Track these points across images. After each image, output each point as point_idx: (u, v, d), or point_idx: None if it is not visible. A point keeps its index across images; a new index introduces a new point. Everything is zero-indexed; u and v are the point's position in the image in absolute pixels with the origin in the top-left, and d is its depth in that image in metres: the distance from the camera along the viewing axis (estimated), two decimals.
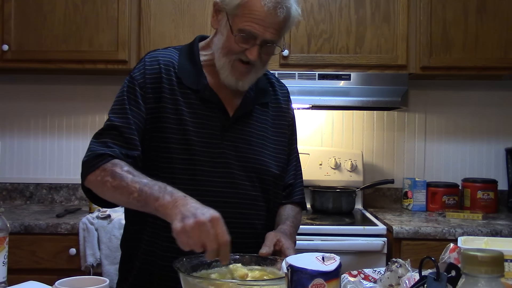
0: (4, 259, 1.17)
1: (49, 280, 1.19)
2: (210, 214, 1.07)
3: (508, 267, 1.08)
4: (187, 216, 1.06)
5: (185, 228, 1.04)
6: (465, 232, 2.22)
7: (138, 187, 1.18)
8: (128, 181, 1.20)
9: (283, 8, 1.32)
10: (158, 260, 1.35)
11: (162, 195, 1.14)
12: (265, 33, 1.32)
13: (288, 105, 1.58)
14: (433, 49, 2.57)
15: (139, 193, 1.18)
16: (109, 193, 1.26)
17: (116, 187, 1.22)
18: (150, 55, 1.44)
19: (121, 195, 1.22)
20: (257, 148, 1.44)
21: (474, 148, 2.97)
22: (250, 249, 1.28)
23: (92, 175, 1.27)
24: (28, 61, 2.59)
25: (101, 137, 1.33)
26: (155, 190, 1.16)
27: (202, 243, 1.05)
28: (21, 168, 2.96)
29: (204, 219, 1.05)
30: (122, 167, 1.24)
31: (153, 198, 1.15)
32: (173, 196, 1.14)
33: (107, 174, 1.23)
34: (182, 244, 1.06)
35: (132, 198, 1.19)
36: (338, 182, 2.80)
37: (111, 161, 1.26)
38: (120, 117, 1.35)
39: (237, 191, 1.39)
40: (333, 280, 0.85)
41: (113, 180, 1.22)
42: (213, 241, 1.05)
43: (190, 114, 1.38)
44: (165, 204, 1.13)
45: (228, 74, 1.38)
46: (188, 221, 1.05)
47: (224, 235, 1.06)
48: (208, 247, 1.05)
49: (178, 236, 1.06)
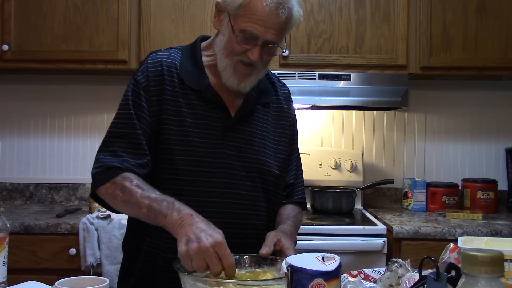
0: (4, 259, 1.17)
1: (49, 280, 1.19)
2: (213, 239, 1.09)
3: (508, 267, 1.08)
4: (191, 240, 1.09)
5: (188, 252, 1.08)
6: (465, 232, 2.22)
7: (147, 203, 1.22)
8: (137, 196, 1.23)
9: (285, 8, 1.31)
10: (160, 261, 1.35)
11: (170, 212, 1.18)
12: (266, 33, 1.32)
13: (289, 105, 1.58)
14: (433, 49, 2.58)
15: (148, 209, 1.21)
16: (119, 206, 1.30)
17: (126, 201, 1.26)
18: (153, 57, 1.43)
19: (131, 209, 1.27)
20: (258, 148, 1.44)
21: (474, 148, 2.97)
22: (251, 249, 1.28)
23: (102, 188, 1.30)
24: (28, 61, 2.59)
25: (110, 146, 1.34)
26: (164, 206, 1.19)
27: (205, 266, 1.08)
28: (21, 168, 2.96)
29: (207, 244, 1.08)
30: (131, 181, 1.26)
31: (161, 215, 1.19)
32: (180, 214, 1.17)
33: (117, 188, 1.27)
34: (186, 266, 1.09)
35: (141, 213, 1.23)
36: (338, 182, 2.80)
37: (121, 174, 1.28)
38: (126, 123, 1.35)
39: (238, 191, 1.39)
40: (333, 280, 0.85)
41: (123, 194, 1.26)
42: (217, 264, 1.07)
43: (191, 115, 1.38)
44: (172, 222, 1.16)
45: (230, 76, 1.38)
46: (192, 245, 1.08)
47: (228, 259, 1.08)
48: (212, 270, 1.08)
49: (182, 259, 1.09)
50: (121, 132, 1.34)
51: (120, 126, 1.35)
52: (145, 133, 1.35)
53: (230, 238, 1.26)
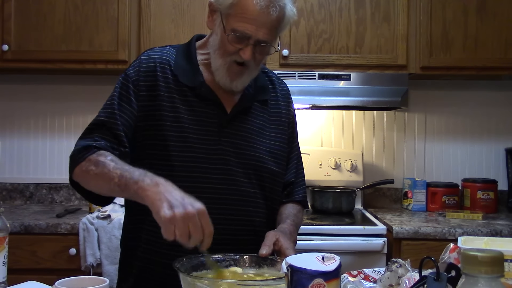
0: (4, 259, 1.17)
1: (49, 280, 1.19)
2: (198, 206, 1.08)
3: (508, 267, 1.08)
4: (176, 206, 1.06)
5: (174, 217, 1.05)
6: (465, 232, 2.22)
7: (119, 172, 1.19)
8: (110, 167, 1.22)
9: (276, 7, 1.31)
10: (158, 259, 1.35)
11: (142, 178, 1.15)
12: (258, 33, 1.32)
13: (288, 103, 1.58)
14: (433, 49, 2.58)
15: (119, 178, 1.18)
16: (92, 182, 1.28)
17: (98, 174, 1.23)
18: (146, 53, 1.45)
19: (103, 181, 1.23)
20: (254, 145, 1.44)
21: (474, 148, 2.97)
22: (249, 246, 1.28)
23: (78, 167, 1.29)
24: (28, 61, 2.59)
25: (89, 133, 1.35)
26: (135, 174, 1.17)
27: (188, 233, 1.06)
28: (21, 168, 2.96)
29: (193, 210, 1.06)
30: (106, 156, 1.26)
31: (132, 182, 1.16)
32: (153, 180, 1.14)
33: (91, 164, 1.26)
34: (168, 232, 1.05)
35: (113, 183, 1.20)
36: (338, 182, 2.80)
37: (96, 151, 1.28)
38: (107, 112, 1.37)
39: (235, 187, 1.39)
40: (333, 280, 0.85)
41: (96, 168, 1.24)
42: (199, 233, 1.06)
43: (187, 111, 1.38)
44: (144, 186, 1.13)
45: (223, 75, 1.39)
46: (177, 210, 1.05)
47: (209, 227, 1.08)
48: (192, 238, 1.06)
49: (165, 224, 1.05)
50: (102, 121, 1.36)
51: (102, 115, 1.37)
52: (127, 125, 1.35)
53: (228, 234, 1.26)
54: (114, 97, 1.38)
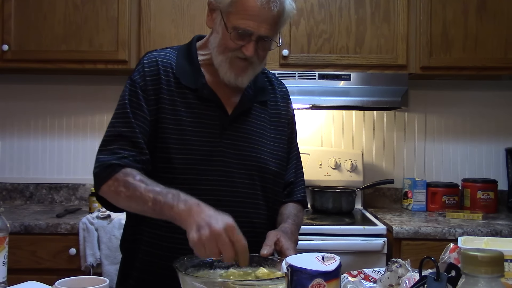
0: (4, 259, 1.17)
1: (49, 280, 1.19)
2: (224, 222, 1.08)
3: (508, 267, 1.08)
4: (202, 227, 1.08)
5: (201, 239, 1.07)
6: (465, 232, 2.22)
7: (152, 196, 1.20)
8: (142, 190, 1.22)
9: (276, 2, 1.32)
10: (159, 261, 1.35)
11: (176, 204, 1.17)
12: (259, 29, 1.32)
13: (287, 104, 1.58)
14: (433, 49, 2.58)
15: (153, 202, 1.20)
16: (123, 203, 1.29)
17: (130, 197, 1.24)
18: (148, 56, 1.44)
19: (136, 204, 1.25)
20: (256, 146, 1.44)
21: (474, 148, 2.97)
22: (250, 248, 1.27)
23: (105, 186, 1.28)
24: (28, 61, 2.59)
25: (108, 146, 1.33)
26: (169, 198, 1.18)
27: (218, 252, 1.07)
28: (21, 168, 2.96)
29: (219, 229, 1.07)
30: (134, 177, 1.25)
31: (167, 207, 1.17)
32: (187, 204, 1.16)
33: (120, 185, 1.25)
34: (199, 253, 1.08)
35: (147, 207, 1.21)
36: (338, 182, 2.80)
37: (122, 170, 1.27)
38: (123, 122, 1.35)
39: (236, 189, 1.39)
40: (333, 280, 0.85)
41: (126, 190, 1.24)
42: (230, 249, 1.07)
43: (188, 114, 1.38)
44: (180, 212, 1.15)
45: (227, 71, 1.38)
46: (204, 231, 1.07)
47: (240, 242, 1.08)
48: (225, 255, 1.07)
49: (195, 247, 1.08)
50: (119, 131, 1.34)
51: (118, 125, 1.35)
52: (144, 131, 1.35)
53: None
54: (126, 105, 1.36)
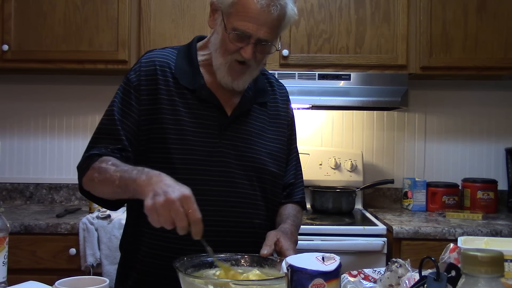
0: (4, 259, 1.17)
1: (49, 280, 1.19)
2: (180, 192, 1.08)
3: (508, 267, 1.08)
4: (158, 194, 1.08)
5: (155, 205, 1.06)
6: (465, 232, 2.22)
7: (119, 175, 1.21)
8: (111, 171, 1.23)
9: (277, 6, 1.32)
10: (159, 262, 1.35)
11: (139, 176, 1.17)
12: (258, 31, 1.32)
13: (287, 105, 1.59)
14: (433, 49, 2.58)
15: (120, 179, 1.20)
16: (98, 189, 1.30)
17: (101, 180, 1.25)
18: (146, 56, 1.45)
19: (107, 186, 1.25)
20: (255, 147, 1.44)
21: (474, 148, 2.97)
22: (249, 248, 1.28)
23: (84, 177, 1.31)
24: (28, 61, 2.59)
25: (96, 142, 1.37)
26: (133, 173, 1.19)
27: (172, 221, 1.06)
28: (21, 168, 2.96)
29: (174, 197, 1.06)
30: (107, 161, 1.27)
31: (131, 181, 1.17)
32: (148, 175, 1.16)
33: (95, 171, 1.28)
34: (153, 221, 1.08)
35: (115, 186, 1.22)
36: (338, 182, 2.80)
37: (99, 159, 1.30)
38: (109, 119, 1.38)
39: (236, 189, 1.39)
40: (333, 280, 0.85)
41: (99, 175, 1.26)
42: (183, 219, 1.06)
43: (187, 114, 1.38)
44: (140, 183, 1.15)
45: (225, 74, 1.39)
46: (158, 198, 1.07)
47: (194, 213, 1.07)
48: (177, 224, 1.06)
49: (149, 213, 1.07)
50: (104, 128, 1.37)
51: (104, 122, 1.39)
52: (128, 129, 1.36)
53: (228, 236, 1.26)
54: (114, 103, 1.39)
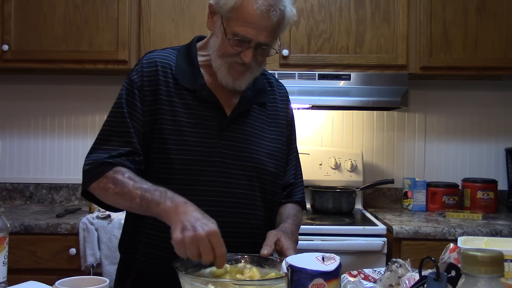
0: (4, 259, 1.17)
1: (49, 280, 1.19)
2: (208, 228, 1.10)
3: (508, 267, 1.08)
4: (187, 228, 1.09)
5: (184, 240, 1.08)
6: (465, 232, 2.22)
7: (140, 193, 1.22)
8: (130, 187, 1.24)
9: (276, 11, 1.32)
10: (157, 262, 1.35)
11: (163, 201, 1.18)
12: (258, 36, 1.33)
13: (286, 105, 1.59)
14: (433, 49, 2.58)
15: (141, 199, 1.22)
16: (112, 199, 1.30)
17: (118, 193, 1.26)
18: (148, 57, 1.45)
19: (124, 201, 1.26)
20: (254, 147, 1.44)
21: (474, 148, 2.97)
22: (248, 249, 1.28)
23: (95, 183, 1.30)
24: (28, 61, 2.59)
25: (102, 144, 1.35)
26: (156, 195, 1.20)
27: (198, 254, 1.09)
28: (21, 168, 2.96)
29: (203, 233, 1.08)
30: (123, 174, 1.27)
31: (154, 204, 1.19)
32: (174, 202, 1.17)
33: (109, 181, 1.27)
34: (179, 252, 1.10)
35: (134, 203, 1.23)
36: (338, 182, 2.80)
37: (112, 168, 1.29)
38: (119, 121, 1.36)
39: (234, 190, 1.39)
40: (333, 280, 0.85)
41: (115, 187, 1.26)
42: (210, 254, 1.09)
43: (186, 115, 1.38)
44: (166, 209, 1.17)
45: (225, 75, 1.39)
46: (187, 233, 1.08)
47: (220, 248, 1.09)
48: (204, 259, 1.09)
49: (176, 246, 1.10)
50: (114, 130, 1.36)
51: (113, 124, 1.37)
52: (138, 132, 1.36)
53: (226, 237, 1.26)
54: (122, 104, 1.38)
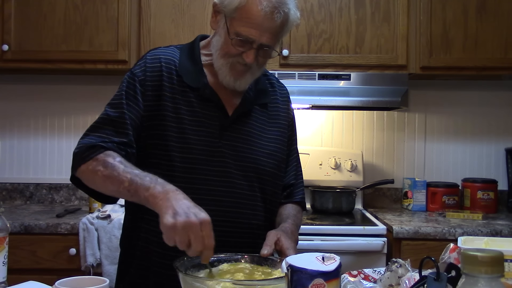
0: (4, 259, 1.17)
1: (49, 280, 1.19)
2: (202, 216, 1.08)
3: (508, 267, 1.08)
4: (179, 214, 1.07)
5: (175, 225, 1.06)
6: (465, 232, 2.22)
7: (129, 177, 1.19)
8: (119, 170, 1.21)
9: (281, 13, 1.32)
10: (156, 258, 1.35)
11: (153, 186, 1.16)
12: (261, 37, 1.33)
13: (287, 106, 1.59)
14: (433, 49, 2.58)
15: (130, 182, 1.19)
16: (100, 182, 1.27)
17: (107, 176, 1.23)
18: (152, 53, 1.45)
19: (112, 184, 1.23)
20: (255, 148, 1.44)
21: (474, 148, 2.97)
22: (247, 249, 1.28)
23: (84, 165, 1.28)
24: (28, 61, 2.59)
25: (95, 130, 1.34)
26: (146, 180, 1.18)
27: (187, 243, 1.06)
28: (21, 168, 2.96)
29: (196, 220, 1.06)
30: (114, 158, 1.25)
31: (143, 188, 1.16)
32: (164, 188, 1.15)
33: (99, 164, 1.25)
34: (168, 239, 1.07)
35: (122, 187, 1.20)
36: (338, 182, 2.80)
37: (103, 152, 1.27)
38: (116, 111, 1.35)
39: (235, 190, 1.39)
40: (333, 280, 0.85)
41: (104, 169, 1.23)
42: (199, 242, 1.06)
43: (189, 113, 1.38)
44: (155, 194, 1.14)
45: (226, 74, 1.39)
46: (179, 219, 1.06)
47: (210, 239, 1.08)
48: (192, 247, 1.06)
49: (166, 230, 1.07)
50: (110, 119, 1.35)
51: (110, 113, 1.36)
52: (134, 124, 1.35)
53: (226, 237, 1.26)
54: (121, 95, 1.37)
